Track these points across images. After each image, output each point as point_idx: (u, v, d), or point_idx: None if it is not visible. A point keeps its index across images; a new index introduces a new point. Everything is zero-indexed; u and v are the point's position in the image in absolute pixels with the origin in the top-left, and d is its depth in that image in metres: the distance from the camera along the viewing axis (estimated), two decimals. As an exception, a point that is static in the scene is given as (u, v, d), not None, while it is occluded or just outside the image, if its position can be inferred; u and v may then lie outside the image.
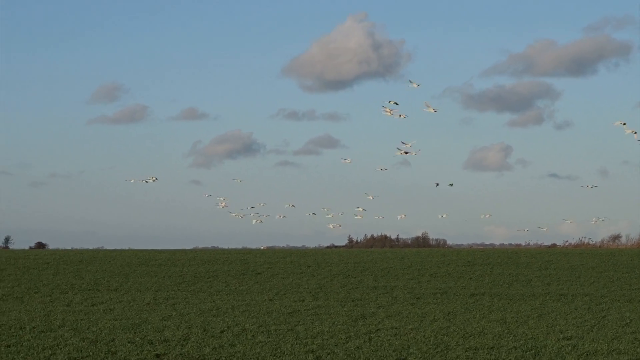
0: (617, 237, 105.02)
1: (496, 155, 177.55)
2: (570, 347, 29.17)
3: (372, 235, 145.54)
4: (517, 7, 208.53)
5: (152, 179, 68.27)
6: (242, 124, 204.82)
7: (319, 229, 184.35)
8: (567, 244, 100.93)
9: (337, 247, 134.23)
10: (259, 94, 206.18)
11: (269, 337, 31.08)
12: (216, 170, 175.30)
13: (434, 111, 53.48)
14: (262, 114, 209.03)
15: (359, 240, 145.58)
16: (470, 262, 66.80)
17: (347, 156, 76.20)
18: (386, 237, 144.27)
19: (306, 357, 27.43)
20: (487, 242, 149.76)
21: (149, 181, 68.46)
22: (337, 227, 74.62)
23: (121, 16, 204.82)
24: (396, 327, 33.75)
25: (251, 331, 32.59)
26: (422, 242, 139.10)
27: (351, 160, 67.18)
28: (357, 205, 72.21)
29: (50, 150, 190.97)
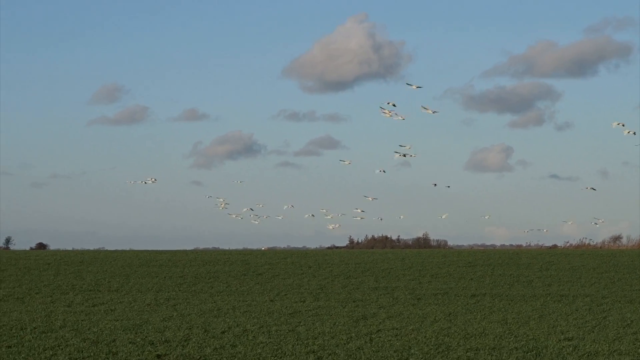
0: (618, 238, 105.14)
1: (497, 156, 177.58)
2: (571, 348, 29.16)
3: (373, 236, 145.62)
4: (517, 8, 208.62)
5: (151, 180, 68.23)
6: (243, 125, 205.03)
7: (319, 229, 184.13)
8: (568, 244, 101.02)
9: (338, 247, 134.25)
10: (260, 95, 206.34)
11: (270, 338, 31.08)
12: (217, 171, 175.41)
13: (433, 113, 53.59)
14: (262, 114, 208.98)
15: (360, 241, 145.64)
16: (471, 263, 66.79)
17: (348, 157, 76.32)
18: (387, 237, 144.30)
19: (307, 357, 27.43)
20: (488, 243, 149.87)
21: (147, 182, 68.44)
22: (337, 227, 74.68)
23: (122, 17, 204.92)
24: (397, 328, 33.74)
25: (252, 332, 32.59)
26: (423, 243, 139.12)
27: (350, 161, 67.18)
28: (359, 206, 72.28)
29: (51, 150, 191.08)
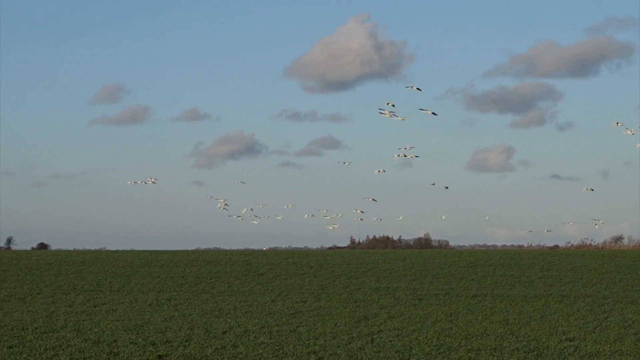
0: (619, 239, 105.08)
1: (498, 156, 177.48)
2: (572, 349, 29.16)
3: (375, 236, 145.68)
4: (519, 8, 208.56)
5: (151, 180, 68.11)
6: (244, 125, 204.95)
7: (321, 229, 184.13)
8: (570, 245, 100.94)
9: (339, 248, 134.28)
10: (261, 95, 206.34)
11: (271, 338, 31.07)
12: (218, 171, 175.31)
13: (432, 114, 53.67)
14: (264, 114, 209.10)
15: (361, 241, 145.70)
16: (472, 263, 66.78)
17: (349, 157, 76.43)
18: (388, 238, 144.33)
19: (308, 358, 27.43)
20: (490, 244, 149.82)
21: (147, 182, 68.31)
22: (336, 227, 74.69)
23: (123, 17, 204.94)
24: (398, 328, 33.74)
25: (253, 332, 32.59)
26: (424, 243, 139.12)
27: (350, 162, 67.18)
28: (360, 206, 72.28)
29: (52, 151, 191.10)
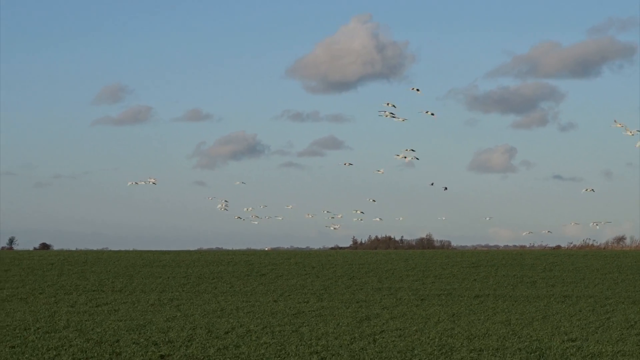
0: (621, 239, 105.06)
1: (500, 156, 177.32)
2: (575, 349, 29.15)
3: (377, 236, 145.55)
4: (521, 8, 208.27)
5: (151, 181, 67.96)
6: (246, 125, 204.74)
7: (323, 230, 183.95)
8: (572, 245, 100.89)
9: (341, 248, 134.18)
10: (263, 95, 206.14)
11: (274, 338, 31.08)
12: (220, 171, 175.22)
13: (432, 115, 53.75)
14: (266, 115, 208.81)
15: (363, 241, 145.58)
16: (474, 264, 66.76)
17: (352, 158, 76.45)
18: (390, 238, 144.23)
19: (311, 358, 27.43)
20: (492, 244, 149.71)
21: (147, 183, 68.15)
22: (338, 227, 74.65)
23: (125, 17, 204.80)
24: (401, 329, 33.74)
25: (256, 332, 32.59)
26: (426, 244, 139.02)
27: (352, 163, 67.12)
28: (361, 207, 72.23)
29: (54, 151, 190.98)
